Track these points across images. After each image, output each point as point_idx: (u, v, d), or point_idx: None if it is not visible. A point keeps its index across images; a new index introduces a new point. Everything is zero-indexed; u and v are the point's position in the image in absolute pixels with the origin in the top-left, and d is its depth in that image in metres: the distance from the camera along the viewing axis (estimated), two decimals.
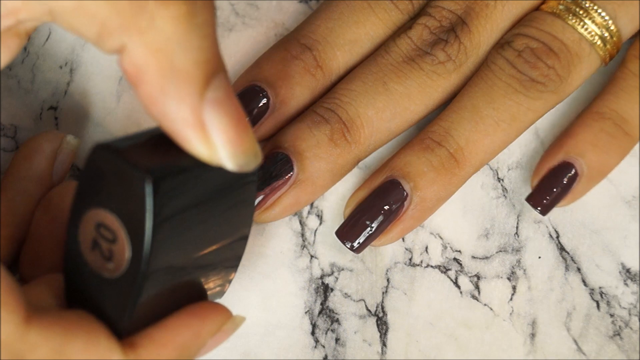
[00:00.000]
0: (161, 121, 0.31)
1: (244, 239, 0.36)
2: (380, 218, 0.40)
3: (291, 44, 0.41)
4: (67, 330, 0.32)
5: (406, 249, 0.43)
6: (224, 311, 0.35)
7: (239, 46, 0.44)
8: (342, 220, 0.42)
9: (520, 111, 0.40)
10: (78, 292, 0.34)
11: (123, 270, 0.33)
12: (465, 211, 0.43)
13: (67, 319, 0.33)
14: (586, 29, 0.40)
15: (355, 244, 0.41)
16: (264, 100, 0.41)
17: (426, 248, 0.43)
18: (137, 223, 0.32)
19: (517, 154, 0.44)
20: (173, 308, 0.35)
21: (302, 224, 0.43)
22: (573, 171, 0.41)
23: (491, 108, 0.40)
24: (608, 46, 0.41)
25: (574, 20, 0.40)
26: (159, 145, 0.33)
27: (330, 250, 0.43)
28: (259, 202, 0.40)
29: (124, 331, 0.33)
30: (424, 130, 0.41)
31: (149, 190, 0.31)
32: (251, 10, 0.44)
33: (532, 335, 0.43)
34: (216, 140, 0.31)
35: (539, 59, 0.40)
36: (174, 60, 0.30)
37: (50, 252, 0.38)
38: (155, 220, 0.32)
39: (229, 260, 0.36)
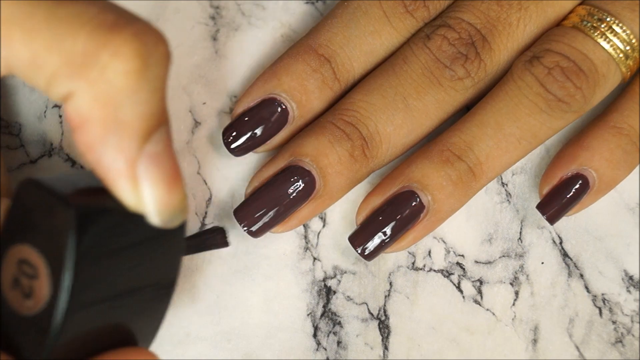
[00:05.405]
0: (95, 167, 0.31)
1: (171, 286, 0.35)
2: (395, 227, 0.40)
3: (309, 55, 0.41)
4: None
5: (409, 253, 0.43)
6: (150, 357, 0.34)
7: (245, 46, 0.44)
8: (346, 223, 0.42)
9: (542, 130, 0.40)
10: None
11: (42, 307, 0.32)
12: (469, 216, 0.43)
13: None
14: (611, 45, 0.40)
15: (368, 251, 0.40)
16: (284, 114, 0.41)
17: (429, 252, 0.43)
18: (59, 256, 0.31)
19: (521, 160, 0.43)
20: (96, 352, 0.33)
21: (305, 226, 0.43)
22: (584, 183, 0.41)
23: (515, 127, 0.40)
24: (630, 62, 0.41)
25: (597, 35, 0.40)
26: (88, 186, 0.32)
27: (333, 253, 0.43)
28: (280, 215, 0.40)
29: None
30: (443, 140, 0.41)
31: (71, 222, 0.31)
32: (257, 10, 0.44)
33: (534, 341, 0.43)
34: (145, 194, 0.31)
35: (568, 78, 0.40)
36: (119, 112, 0.30)
37: None
38: (77, 252, 0.31)
39: (156, 305, 0.35)
